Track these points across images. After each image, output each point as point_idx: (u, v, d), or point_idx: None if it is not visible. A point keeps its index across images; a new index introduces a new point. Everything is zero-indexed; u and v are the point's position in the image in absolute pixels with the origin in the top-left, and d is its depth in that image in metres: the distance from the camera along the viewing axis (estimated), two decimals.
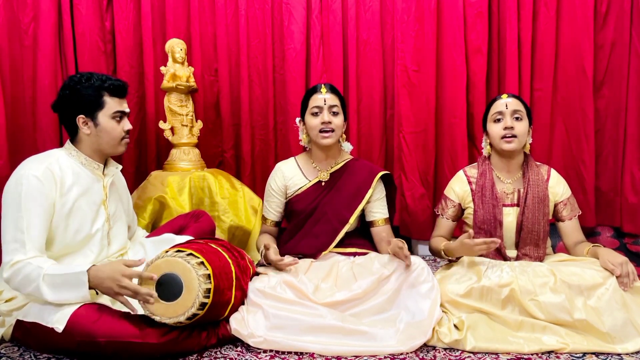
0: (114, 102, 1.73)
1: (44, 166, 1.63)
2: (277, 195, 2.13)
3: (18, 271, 1.52)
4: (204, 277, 1.52)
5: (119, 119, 1.75)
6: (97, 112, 1.71)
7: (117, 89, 1.74)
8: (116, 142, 1.76)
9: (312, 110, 2.02)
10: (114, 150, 1.77)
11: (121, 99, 1.77)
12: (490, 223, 1.94)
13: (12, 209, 1.57)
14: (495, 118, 1.95)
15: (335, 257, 2.00)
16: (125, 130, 1.77)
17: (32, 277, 1.51)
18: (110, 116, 1.72)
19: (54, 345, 1.55)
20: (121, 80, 1.77)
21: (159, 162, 2.85)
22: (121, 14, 2.77)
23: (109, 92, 1.72)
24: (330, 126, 1.99)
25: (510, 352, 1.59)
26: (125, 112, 1.77)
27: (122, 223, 1.90)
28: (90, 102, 1.70)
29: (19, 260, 1.52)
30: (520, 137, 1.91)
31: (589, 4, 2.67)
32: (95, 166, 1.77)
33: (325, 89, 2.03)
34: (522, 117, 1.93)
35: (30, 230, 1.55)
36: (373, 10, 2.83)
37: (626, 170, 2.72)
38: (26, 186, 1.57)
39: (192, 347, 1.59)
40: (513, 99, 1.95)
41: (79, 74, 1.74)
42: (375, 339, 1.62)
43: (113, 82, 1.73)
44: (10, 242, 1.55)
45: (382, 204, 2.12)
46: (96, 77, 1.71)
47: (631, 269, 1.68)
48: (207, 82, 2.90)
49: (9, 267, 1.53)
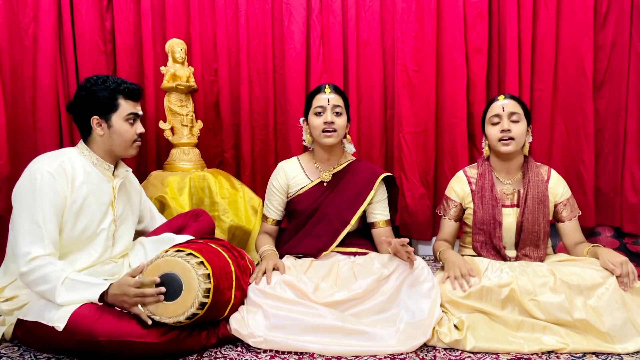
0: (128, 105, 1.76)
1: (56, 163, 1.66)
2: (279, 194, 2.13)
3: (37, 268, 1.53)
4: (203, 276, 1.52)
5: (132, 122, 1.78)
6: (111, 114, 1.74)
7: (132, 93, 1.78)
8: (128, 145, 1.79)
9: (316, 109, 2.03)
10: (125, 153, 1.80)
11: (135, 102, 1.80)
12: (489, 224, 1.94)
13: (26, 203, 1.59)
14: (492, 121, 1.95)
15: (336, 257, 2.00)
16: (138, 133, 1.80)
17: (50, 278, 1.52)
18: (123, 118, 1.75)
19: (55, 344, 1.55)
20: (136, 84, 1.81)
21: (159, 162, 2.85)
22: (121, 14, 2.77)
23: (123, 95, 1.75)
24: (332, 126, 2.00)
25: (510, 352, 1.59)
26: (138, 115, 1.80)
27: (128, 225, 1.91)
28: (105, 104, 1.73)
29: (38, 255, 1.54)
30: (518, 138, 1.91)
31: (589, 4, 2.67)
32: (106, 167, 1.79)
33: (329, 89, 2.03)
34: (520, 118, 1.92)
35: (47, 225, 1.57)
36: (373, 10, 2.83)
37: (626, 170, 2.72)
38: (40, 181, 1.60)
39: (192, 346, 1.59)
40: (510, 101, 1.94)
41: (95, 76, 1.77)
42: (375, 338, 1.62)
43: (128, 86, 1.77)
44: (27, 234, 1.56)
45: (384, 205, 2.11)
46: (112, 80, 1.75)
47: (631, 268, 1.68)
48: (207, 82, 2.90)
49: (28, 261, 1.53)
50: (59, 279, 1.52)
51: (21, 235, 1.57)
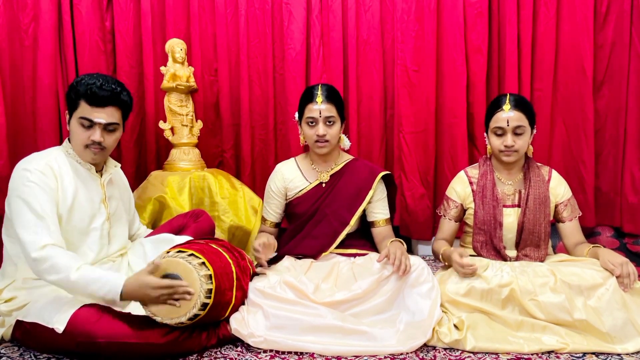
0: (85, 108, 1.67)
1: (43, 162, 1.64)
2: (277, 197, 2.13)
3: (49, 257, 1.50)
4: (205, 277, 1.52)
5: (86, 126, 1.68)
6: (72, 113, 1.70)
7: (93, 97, 1.66)
8: (80, 149, 1.71)
9: (307, 120, 1.99)
10: (80, 155, 1.73)
11: (97, 107, 1.67)
12: (490, 224, 1.94)
13: (22, 197, 1.57)
14: (496, 132, 1.91)
15: (336, 258, 1.99)
16: (92, 140, 1.69)
17: (60, 267, 1.50)
18: (77, 120, 1.68)
19: (54, 346, 1.55)
20: (107, 91, 1.67)
21: (159, 162, 2.85)
22: (121, 14, 2.77)
23: (85, 97, 1.66)
24: (325, 138, 1.97)
25: (510, 352, 1.60)
26: (93, 122, 1.68)
27: (122, 222, 1.90)
28: (70, 101, 1.70)
29: (47, 243, 1.52)
30: (521, 150, 1.89)
31: (589, 4, 2.67)
32: (88, 166, 1.76)
33: (320, 99, 1.96)
34: (524, 130, 1.87)
35: (48, 217, 1.56)
36: (373, 10, 2.83)
37: (626, 170, 2.72)
38: (31, 176, 1.59)
39: (192, 347, 1.59)
40: (515, 113, 1.86)
41: (83, 75, 1.74)
42: (375, 338, 1.62)
43: (93, 89, 1.65)
44: (32, 224, 1.54)
45: (383, 204, 2.11)
46: (86, 81, 1.67)
47: (632, 269, 1.68)
48: (207, 82, 2.90)
49: (39, 248, 1.51)
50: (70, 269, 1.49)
51: (25, 227, 1.54)
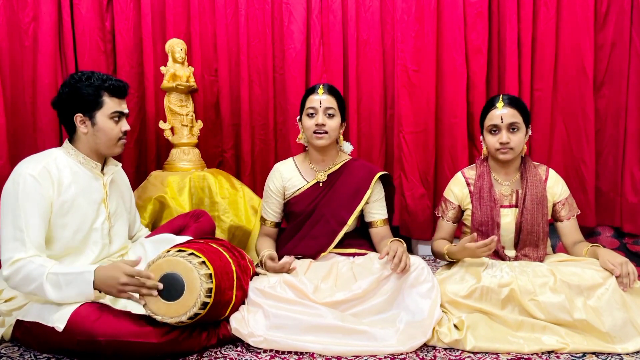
0: (112, 102, 1.72)
1: (40, 166, 1.63)
2: (276, 197, 2.13)
3: (19, 270, 1.51)
4: (205, 276, 1.52)
5: (117, 120, 1.74)
6: (95, 112, 1.70)
7: (117, 90, 1.73)
8: (113, 143, 1.75)
9: (308, 111, 2.01)
10: (110, 151, 1.77)
11: (120, 100, 1.76)
12: (487, 224, 1.94)
13: (9, 208, 1.57)
14: (491, 130, 1.93)
15: (335, 258, 1.99)
16: (123, 131, 1.76)
17: (33, 276, 1.51)
18: (108, 116, 1.71)
19: (54, 345, 1.55)
20: (122, 81, 1.76)
21: (159, 162, 2.85)
22: (121, 14, 2.77)
23: (108, 92, 1.71)
24: (324, 128, 1.98)
25: (510, 352, 1.59)
26: (123, 113, 1.76)
27: (123, 221, 1.90)
28: (89, 101, 1.69)
29: (19, 258, 1.52)
30: (517, 147, 1.90)
31: (589, 4, 2.67)
32: (94, 165, 1.76)
33: (322, 90, 2.01)
34: (519, 127, 1.90)
35: (29, 229, 1.55)
36: (373, 10, 2.83)
37: (626, 170, 2.72)
38: (22, 185, 1.57)
39: (192, 347, 1.59)
40: (509, 110, 1.89)
41: (79, 73, 1.73)
42: (375, 338, 1.62)
43: (113, 82, 1.72)
44: (10, 240, 1.55)
45: (381, 204, 2.11)
46: (97, 77, 1.70)
47: (631, 269, 1.68)
48: (207, 82, 2.90)
49: (9, 265, 1.52)
50: (42, 275, 1.50)
51: (4, 241, 1.56)
